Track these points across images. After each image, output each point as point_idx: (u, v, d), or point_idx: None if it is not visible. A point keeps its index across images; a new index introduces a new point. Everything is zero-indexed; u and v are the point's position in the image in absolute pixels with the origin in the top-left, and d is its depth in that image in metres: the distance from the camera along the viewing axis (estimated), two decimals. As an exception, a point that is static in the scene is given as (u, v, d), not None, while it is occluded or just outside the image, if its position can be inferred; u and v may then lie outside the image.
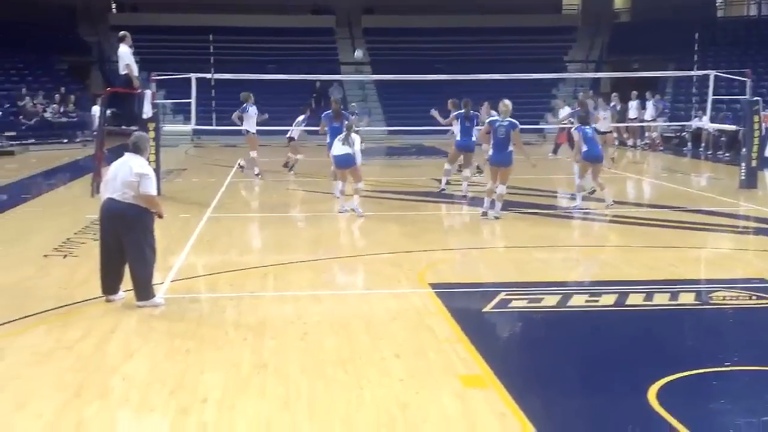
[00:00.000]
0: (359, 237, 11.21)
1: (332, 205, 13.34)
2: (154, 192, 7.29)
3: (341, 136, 12.39)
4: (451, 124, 15.15)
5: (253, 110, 17.42)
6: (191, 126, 18.40)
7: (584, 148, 12.96)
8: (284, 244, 10.48)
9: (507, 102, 11.98)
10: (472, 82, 22.96)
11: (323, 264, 9.32)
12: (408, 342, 6.41)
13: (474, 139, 14.73)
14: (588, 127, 13.24)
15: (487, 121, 12.38)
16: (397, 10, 35.71)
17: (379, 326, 6.83)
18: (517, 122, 11.88)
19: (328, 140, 14.08)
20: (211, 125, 22.15)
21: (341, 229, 11.71)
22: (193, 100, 16.82)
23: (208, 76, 20.12)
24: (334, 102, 15.04)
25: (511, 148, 11.85)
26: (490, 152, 12.17)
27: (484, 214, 11.97)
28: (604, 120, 19.58)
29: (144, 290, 7.29)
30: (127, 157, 7.38)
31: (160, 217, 7.45)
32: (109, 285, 7.44)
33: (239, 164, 17.69)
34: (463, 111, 14.64)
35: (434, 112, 15.62)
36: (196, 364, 5.90)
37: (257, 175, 17.15)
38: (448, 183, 14.89)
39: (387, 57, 34.03)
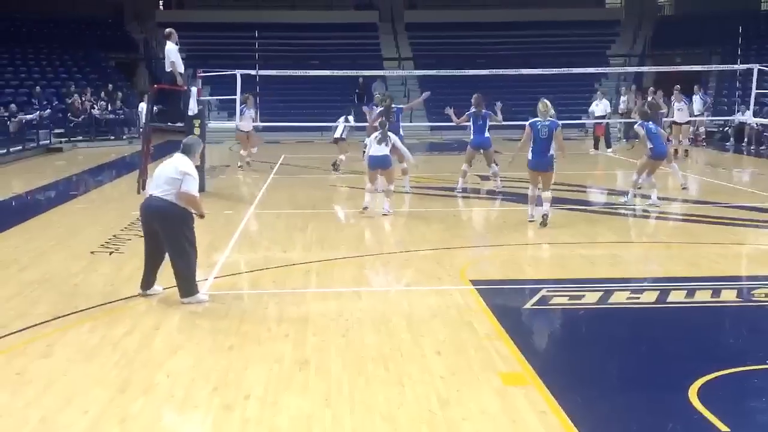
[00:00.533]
0: (400, 234, 11.27)
1: (374, 202, 13.44)
2: (195, 192, 7.39)
3: (377, 135, 12.26)
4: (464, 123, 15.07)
5: (249, 113, 18.38)
6: (236, 122, 18.65)
7: (649, 145, 12.63)
8: (326, 240, 10.60)
9: (546, 101, 11.29)
10: (513, 76, 22.95)
11: (365, 260, 9.41)
12: (449, 339, 6.47)
13: (487, 135, 14.47)
14: (651, 122, 12.88)
15: (528, 123, 11.32)
16: (440, 4, 35.69)
17: (420, 323, 6.89)
18: (558, 122, 11.42)
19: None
20: (255, 122, 22.35)
21: (382, 226, 11.79)
22: (237, 97, 17.04)
23: (253, 72, 20.32)
24: (386, 98, 14.72)
25: (552, 151, 11.15)
26: (530, 156, 11.24)
27: (532, 219, 11.41)
28: (679, 111, 19.52)
29: (187, 287, 7.44)
30: (176, 156, 7.54)
31: (201, 217, 7.57)
32: (145, 279, 7.63)
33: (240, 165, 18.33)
34: (474, 109, 14.47)
35: (449, 111, 15.50)
36: (239, 361, 6.02)
37: (240, 166, 18.11)
38: (465, 183, 14.77)
39: (429, 52, 34.03)
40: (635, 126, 13.65)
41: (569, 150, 13.39)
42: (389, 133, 12.26)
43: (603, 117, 22.63)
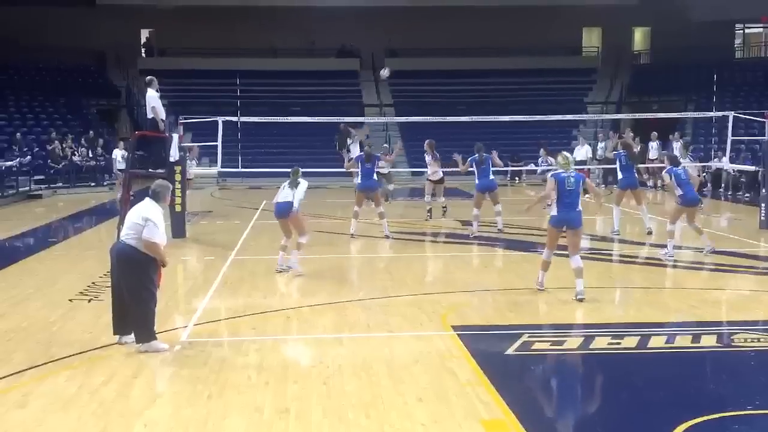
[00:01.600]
0: (382, 279, 11.26)
1: (351, 247, 13.47)
2: (156, 239, 7.30)
3: (288, 181, 11.31)
4: (468, 169, 15.39)
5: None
6: (217, 168, 18.69)
7: (679, 192, 12.20)
8: (307, 286, 10.57)
9: (567, 154, 10.01)
10: (492, 123, 23.21)
11: (346, 306, 9.38)
12: (430, 385, 6.44)
13: (492, 177, 15.21)
14: (680, 168, 12.48)
15: (551, 175, 9.96)
16: (420, 52, 36.16)
17: (402, 369, 6.86)
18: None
19: (359, 181, 15.13)
20: (237, 167, 22.43)
21: (364, 271, 11.78)
22: (219, 143, 17.10)
23: (234, 119, 20.42)
24: (367, 145, 16.05)
25: (580, 207, 9.72)
26: (554, 212, 9.76)
27: (542, 287, 9.97)
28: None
29: (141, 333, 7.36)
30: (144, 201, 7.52)
31: (163, 265, 7.47)
32: (116, 325, 7.55)
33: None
34: (476, 155, 15.05)
35: (457, 157, 15.82)
36: (218, 410, 5.96)
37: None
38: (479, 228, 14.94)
39: (410, 99, 34.43)
40: (663, 173, 13.04)
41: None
42: (300, 180, 11.32)
43: (584, 162, 22.88)
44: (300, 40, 36.17)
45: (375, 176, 15.07)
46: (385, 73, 18.90)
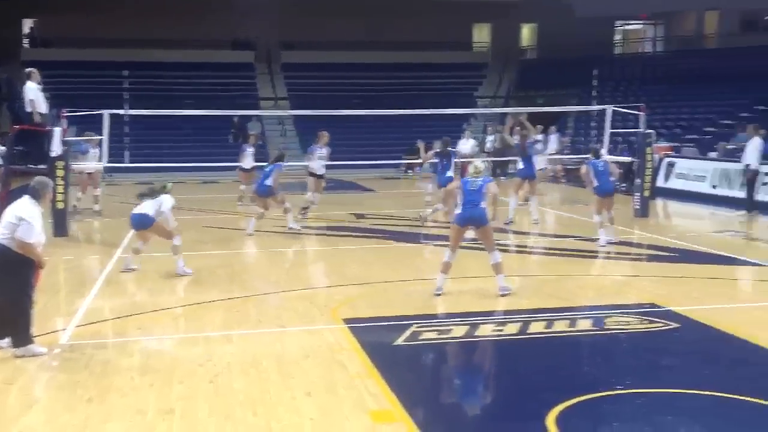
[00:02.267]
0: (274, 274, 11.27)
1: (246, 242, 13.40)
2: (29, 239, 7.06)
3: (148, 193, 11.07)
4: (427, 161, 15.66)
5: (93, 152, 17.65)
6: (103, 164, 18.14)
7: (595, 183, 12.71)
8: (197, 283, 10.45)
9: (477, 164, 10.01)
10: (386, 116, 23.48)
11: (236, 303, 9.35)
12: (319, 379, 6.52)
13: (450, 174, 14.79)
14: (601, 161, 12.89)
15: (461, 180, 10.19)
16: (316, 45, 36.07)
17: (291, 364, 6.92)
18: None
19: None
20: (124, 163, 21.86)
21: (256, 267, 11.74)
22: (105, 137, 16.62)
23: (121, 112, 19.88)
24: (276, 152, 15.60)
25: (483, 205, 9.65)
26: (458, 210, 9.73)
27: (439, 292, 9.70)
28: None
29: (17, 336, 7.13)
30: (22, 199, 7.26)
31: (41, 266, 7.25)
32: None
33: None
34: (439, 149, 15.11)
35: (420, 145, 16.25)
36: (98, 414, 5.84)
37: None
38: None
39: (306, 92, 34.34)
40: (583, 164, 13.52)
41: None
42: (164, 196, 11.04)
43: (471, 156, 23.40)
44: (193, 31, 35.44)
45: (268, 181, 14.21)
46: None
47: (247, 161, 18.69)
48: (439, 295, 9.44)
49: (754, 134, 16.97)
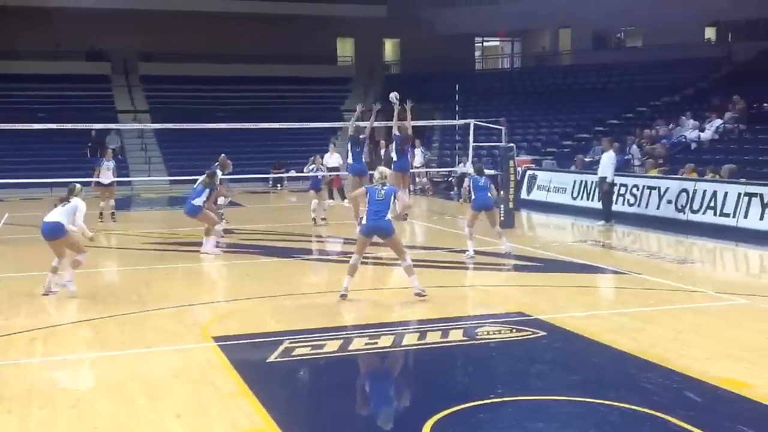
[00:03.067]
0: (139, 292, 10.84)
1: (105, 260, 12.85)
2: None
3: (61, 200, 10.63)
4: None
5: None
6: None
7: (472, 196, 13.08)
8: (56, 303, 9.93)
9: (382, 169, 10.43)
10: (254, 130, 23.21)
11: (99, 323, 8.92)
12: (189, 400, 6.31)
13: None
14: (482, 177, 13.00)
15: (365, 187, 10.56)
16: (176, 58, 35.25)
17: (159, 386, 6.66)
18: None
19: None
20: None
21: (118, 284, 11.28)
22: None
23: (-32, 127, 18.71)
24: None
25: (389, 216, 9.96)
26: (365, 221, 9.99)
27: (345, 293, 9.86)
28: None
29: None
30: None
31: None
32: None
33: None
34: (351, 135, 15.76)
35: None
36: (-49, 445, 5.45)
37: None
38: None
39: (167, 105, 33.48)
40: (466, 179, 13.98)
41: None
42: (73, 199, 10.57)
43: (337, 168, 23.47)
44: (44, 41, 33.83)
45: None
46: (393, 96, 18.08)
47: (106, 176, 18.57)
48: (344, 296, 9.68)
49: (608, 147, 17.66)
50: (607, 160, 17.33)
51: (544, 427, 5.71)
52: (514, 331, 8.34)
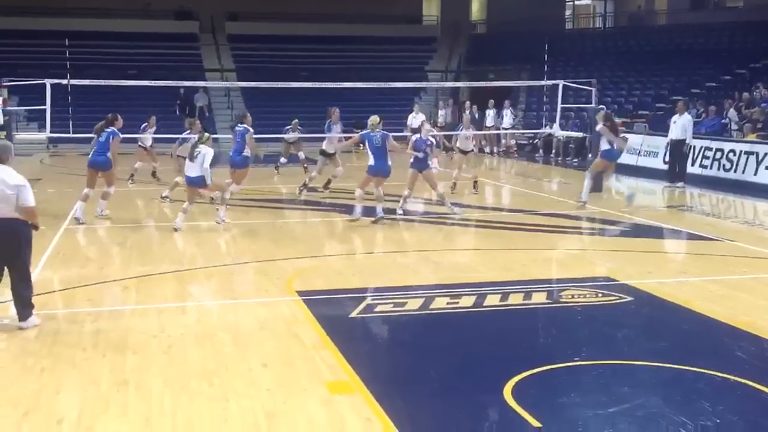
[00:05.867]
0: (226, 246, 11.11)
1: (196, 215, 13.14)
2: (34, 202, 6.92)
3: (190, 152, 11.88)
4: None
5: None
6: (46, 134, 17.63)
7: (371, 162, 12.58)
8: (147, 255, 10.25)
9: (375, 117, 12.57)
10: (337, 90, 23.24)
11: (188, 275, 9.19)
12: (275, 351, 6.44)
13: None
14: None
15: (359, 135, 12.71)
16: (262, 17, 35.52)
17: (246, 336, 6.81)
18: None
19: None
20: (69, 133, 21.26)
21: (207, 239, 11.54)
22: (47, 107, 16.14)
23: (64, 82, 19.30)
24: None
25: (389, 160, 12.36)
26: (371, 162, 12.41)
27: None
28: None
29: (28, 309, 6.99)
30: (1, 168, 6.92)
31: (36, 228, 7.06)
32: None
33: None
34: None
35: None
36: (51, 384, 5.69)
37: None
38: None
39: (252, 64, 33.84)
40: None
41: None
42: (202, 148, 11.69)
43: (418, 130, 23.36)
44: (135, 1, 34.58)
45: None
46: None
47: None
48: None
49: (683, 110, 17.72)
50: (686, 122, 17.40)
51: (629, 391, 5.61)
52: (600, 295, 8.19)
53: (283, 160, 19.42)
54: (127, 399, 5.43)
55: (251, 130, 13.67)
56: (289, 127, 19.44)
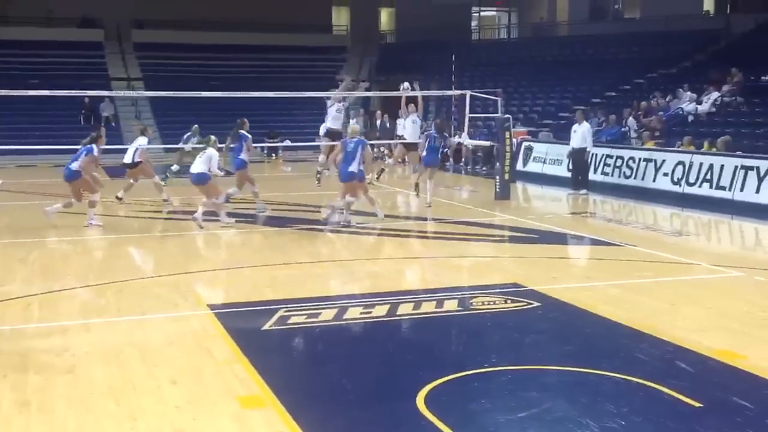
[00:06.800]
0: (134, 259, 10.86)
1: (104, 228, 12.79)
2: None
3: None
4: None
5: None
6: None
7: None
8: (51, 271, 9.92)
9: (354, 125, 14.23)
10: (247, 99, 23.06)
11: (95, 290, 8.93)
12: (185, 367, 6.32)
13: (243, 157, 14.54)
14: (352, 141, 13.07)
15: (341, 141, 13.55)
16: (169, 25, 34.92)
17: (155, 352, 6.67)
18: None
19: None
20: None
21: (114, 253, 11.26)
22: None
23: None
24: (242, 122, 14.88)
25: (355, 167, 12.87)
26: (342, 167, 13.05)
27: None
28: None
29: None
30: None
31: None
32: None
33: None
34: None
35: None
36: (-52, 407, 5.45)
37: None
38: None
39: (160, 73, 33.22)
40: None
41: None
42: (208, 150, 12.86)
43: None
44: (36, 8, 33.48)
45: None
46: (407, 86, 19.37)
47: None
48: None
49: (581, 119, 18.25)
50: (586, 130, 17.93)
51: (537, 396, 5.74)
52: (509, 301, 8.36)
53: (175, 167, 18.97)
54: (29, 421, 5.24)
55: (249, 136, 14.67)
56: (189, 133, 19.07)
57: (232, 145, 14.44)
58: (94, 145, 13.03)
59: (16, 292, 8.77)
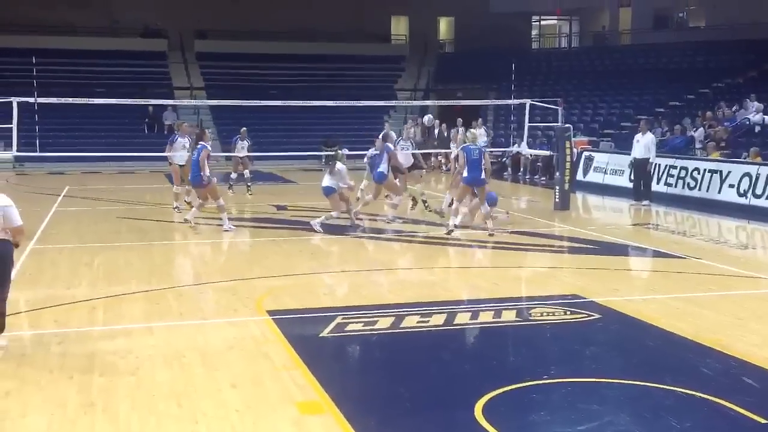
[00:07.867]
0: (195, 265, 11.04)
1: (166, 233, 13.05)
2: (21, 221, 6.92)
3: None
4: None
5: (182, 141, 15.94)
6: (12, 153, 17.44)
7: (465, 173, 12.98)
8: (115, 275, 10.15)
9: (473, 130, 14.61)
10: (305, 108, 23.32)
11: (157, 294, 9.10)
12: (245, 371, 6.40)
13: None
14: (476, 147, 13.15)
15: (461, 148, 13.54)
16: (230, 35, 35.52)
17: (215, 357, 6.77)
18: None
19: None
20: (35, 152, 21.03)
21: (176, 258, 11.48)
22: (14, 126, 15.97)
23: (31, 100, 19.10)
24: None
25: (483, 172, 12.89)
26: (465, 174, 12.87)
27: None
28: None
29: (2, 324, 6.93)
30: None
31: (17, 246, 7.03)
32: None
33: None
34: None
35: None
36: (16, 407, 5.61)
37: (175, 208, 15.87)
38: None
39: (222, 82, 33.79)
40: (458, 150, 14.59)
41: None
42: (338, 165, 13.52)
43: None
44: (101, 18, 34.40)
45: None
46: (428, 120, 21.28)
47: (180, 155, 15.79)
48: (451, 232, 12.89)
49: (645, 130, 17.96)
50: (649, 141, 17.64)
51: (597, 409, 5.66)
52: (569, 313, 8.26)
53: (234, 175, 19.23)
54: (94, 421, 5.36)
55: (393, 148, 14.85)
56: (237, 136, 19.28)
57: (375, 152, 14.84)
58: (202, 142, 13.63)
59: (82, 296, 9.00)
